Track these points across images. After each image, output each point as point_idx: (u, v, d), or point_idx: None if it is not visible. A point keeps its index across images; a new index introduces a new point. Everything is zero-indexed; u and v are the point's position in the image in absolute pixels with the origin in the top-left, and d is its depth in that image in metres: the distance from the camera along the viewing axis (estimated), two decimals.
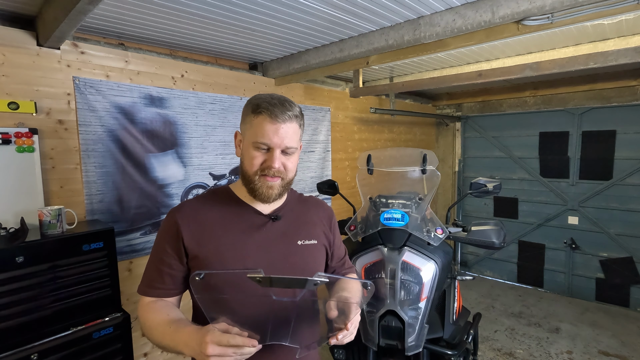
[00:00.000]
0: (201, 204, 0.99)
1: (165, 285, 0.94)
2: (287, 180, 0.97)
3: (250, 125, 0.92)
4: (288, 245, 0.99)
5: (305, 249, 1.01)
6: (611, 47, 2.47)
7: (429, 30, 1.89)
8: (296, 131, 0.94)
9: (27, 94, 1.78)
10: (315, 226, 1.08)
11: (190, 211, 0.96)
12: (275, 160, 0.90)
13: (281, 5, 1.73)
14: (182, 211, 0.96)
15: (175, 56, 2.36)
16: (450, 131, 5.11)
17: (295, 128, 0.93)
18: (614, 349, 3.11)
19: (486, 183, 1.99)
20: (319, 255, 1.06)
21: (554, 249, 4.39)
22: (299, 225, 1.04)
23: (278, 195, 0.96)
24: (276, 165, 0.90)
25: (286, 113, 0.90)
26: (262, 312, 0.86)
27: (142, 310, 0.93)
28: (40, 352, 1.50)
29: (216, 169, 2.60)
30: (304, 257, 1.01)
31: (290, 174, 0.96)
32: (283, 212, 1.03)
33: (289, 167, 0.95)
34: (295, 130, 0.93)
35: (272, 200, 0.96)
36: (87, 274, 1.66)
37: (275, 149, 0.90)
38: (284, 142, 0.90)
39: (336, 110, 3.53)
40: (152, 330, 0.88)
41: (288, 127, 0.90)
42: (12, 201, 1.71)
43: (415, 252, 1.69)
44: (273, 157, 0.90)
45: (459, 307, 2.02)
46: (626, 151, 3.85)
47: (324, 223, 1.12)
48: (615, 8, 1.53)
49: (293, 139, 0.92)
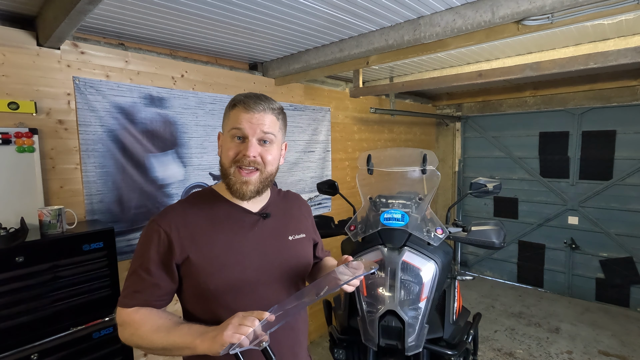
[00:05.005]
0: (187, 208, 0.95)
1: (152, 295, 0.88)
2: (266, 175, 0.94)
3: (227, 119, 0.93)
4: (280, 241, 1.00)
5: (297, 244, 1.04)
6: (611, 47, 2.47)
7: (429, 30, 1.89)
8: (273, 122, 0.92)
9: (27, 94, 1.78)
10: (300, 220, 1.10)
11: (177, 216, 0.91)
12: (249, 148, 0.88)
13: (281, 5, 1.73)
14: (167, 217, 0.91)
15: (175, 56, 2.36)
16: (450, 131, 5.11)
17: (271, 119, 0.92)
18: (614, 349, 3.11)
19: (486, 183, 1.99)
20: (308, 248, 1.09)
21: (554, 249, 4.39)
22: (287, 220, 1.05)
23: (255, 192, 0.93)
24: (250, 154, 0.88)
25: (260, 104, 0.90)
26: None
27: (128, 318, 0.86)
28: (40, 352, 1.50)
29: (216, 169, 2.60)
30: (296, 252, 1.03)
31: (269, 166, 0.93)
32: (271, 209, 1.03)
33: (267, 158, 0.92)
34: (272, 120, 0.92)
35: (249, 198, 0.94)
36: (87, 274, 1.66)
37: (249, 137, 0.89)
38: (258, 129, 0.89)
39: (336, 110, 3.53)
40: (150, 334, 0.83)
41: (263, 116, 0.90)
42: (12, 201, 1.71)
43: (415, 252, 1.69)
44: (247, 145, 0.89)
45: (459, 307, 2.02)
46: (626, 151, 3.85)
47: (306, 216, 1.15)
48: (615, 8, 1.53)
49: (270, 127, 0.91)
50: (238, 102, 0.91)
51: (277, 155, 0.96)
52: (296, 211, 1.11)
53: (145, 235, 0.91)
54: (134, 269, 0.90)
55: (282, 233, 1.02)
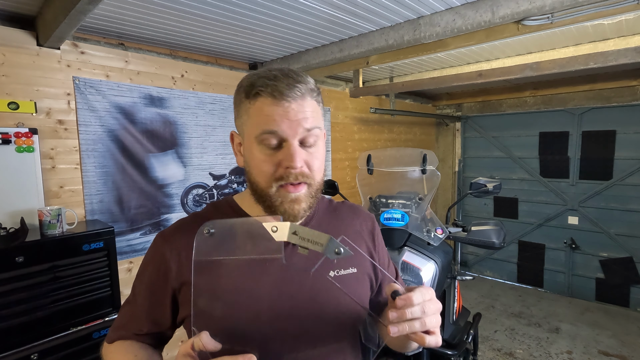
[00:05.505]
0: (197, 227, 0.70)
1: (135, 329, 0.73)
2: (316, 187, 0.67)
3: (248, 116, 0.65)
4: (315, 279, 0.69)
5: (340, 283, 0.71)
6: (611, 47, 2.47)
7: (429, 30, 1.89)
8: (315, 110, 0.65)
9: (27, 94, 1.78)
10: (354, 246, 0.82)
11: (184, 236, 0.70)
12: (295, 157, 0.61)
13: (281, 5, 1.73)
14: (173, 237, 0.71)
15: (175, 56, 2.36)
16: (450, 131, 5.11)
17: (313, 105, 0.65)
18: (614, 349, 3.11)
19: (486, 183, 1.99)
20: (359, 290, 0.74)
21: (554, 249, 4.39)
22: None
23: (307, 209, 0.68)
24: (298, 165, 0.62)
25: (295, 87, 0.62)
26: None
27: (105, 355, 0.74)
28: (40, 352, 1.50)
29: (216, 169, 2.60)
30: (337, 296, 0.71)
31: (317, 175, 0.67)
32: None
33: (315, 165, 0.66)
34: (314, 108, 0.65)
35: (301, 218, 0.69)
36: (87, 274, 1.66)
37: (290, 140, 0.62)
38: (300, 126, 0.62)
39: (336, 110, 3.53)
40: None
41: (302, 104, 0.63)
42: (12, 201, 1.71)
43: (415, 252, 1.69)
44: (290, 153, 0.62)
45: (459, 307, 2.02)
46: (626, 151, 3.85)
47: (365, 238, 0.80)
48: (615, 8, 1.53)
49: (313, 120, 0.64)
50: (262, 89, 0.62)
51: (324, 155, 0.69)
52: (349, 231, 0.78)
53: (148, 255, 0.75)
54: (128, 297, 0.76)
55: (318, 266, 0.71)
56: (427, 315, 0.54)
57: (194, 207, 2.48)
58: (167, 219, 2.34)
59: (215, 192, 2.61)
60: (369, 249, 0.79)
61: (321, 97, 0.70)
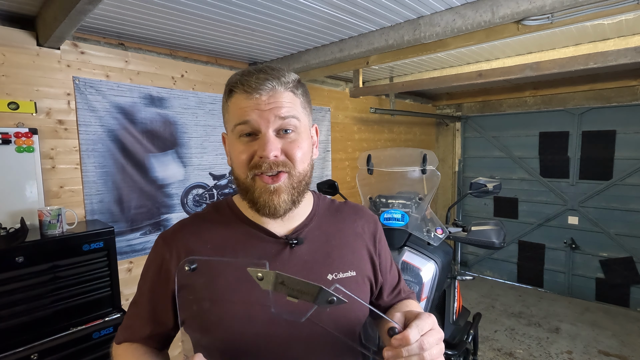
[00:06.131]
0: (201, 223, 0.73)
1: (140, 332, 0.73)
2: (298, 177, 0.66)
3: (227, 112, 0.68)
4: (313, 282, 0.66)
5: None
6: (611, 47, 2.47)
7: (429, 30, 1.89)
8: (291, 100, 0.65)
9: (27, 94, 1.78)
10: (354, 249, 0.74)
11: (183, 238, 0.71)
12: (266, 145, 0.62)
13: (281, 5, 1.73)
14: (171, 242, 0.71)
15: (175, 56, 2.36)
16: (450, 131, 5.11)
17: (288, 96, 0.65)
18: (614, 349, 3.11)
19: (486, 183, 1.99)
20: (360, 293, 0.72)
21: (554, 249, 4.39)
22: (330, 249, 0.72)
23: (290, 202, 0.66)
24: (270, 153, 0.62)
25: (267, 81, 0.63)
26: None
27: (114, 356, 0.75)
28: (40, 352, 1.50)
29: (216, 169, 2.60)
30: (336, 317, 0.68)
31: (299, 165, 0.65)
32: (307, 231, 0.72)
33: (297, 154, 0.65)
34: (290, 98, 0.65)
35: (284, 212, 0.66)
36: (87, 274, 1.66)
37: (262, 129, 0.63)
38: (272, 114, 0.63)
39: (336, 110, 3.53)
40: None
41: (274, 96, 0.63)
42: (12, 201, 1.71)
43: (415, 252, 1.69)
44: (263, 142, 0.62)
45: (459, 307, 2.02)
46: (626, 151, 3.85)
47: (367, 241, 0.77)
48: (615, 8, 1.53)
49: (289, 109, 0.64)
50: (235, 86, 0.65)
51: (307, 146, 0.68)
52: (349, 233, 0.76)
53: (149, 256, 0.75)
54: (134, 297, 0.76)
55: (318, 269, 0.69)
56: (425, 350, 0.52)
57: (194, 207, 2.48)
58: (167, 219, 2.34)
59: (215, 192, 2.61)
60: (370, 251, 0.77)
61: (304, 90, 0.70)
